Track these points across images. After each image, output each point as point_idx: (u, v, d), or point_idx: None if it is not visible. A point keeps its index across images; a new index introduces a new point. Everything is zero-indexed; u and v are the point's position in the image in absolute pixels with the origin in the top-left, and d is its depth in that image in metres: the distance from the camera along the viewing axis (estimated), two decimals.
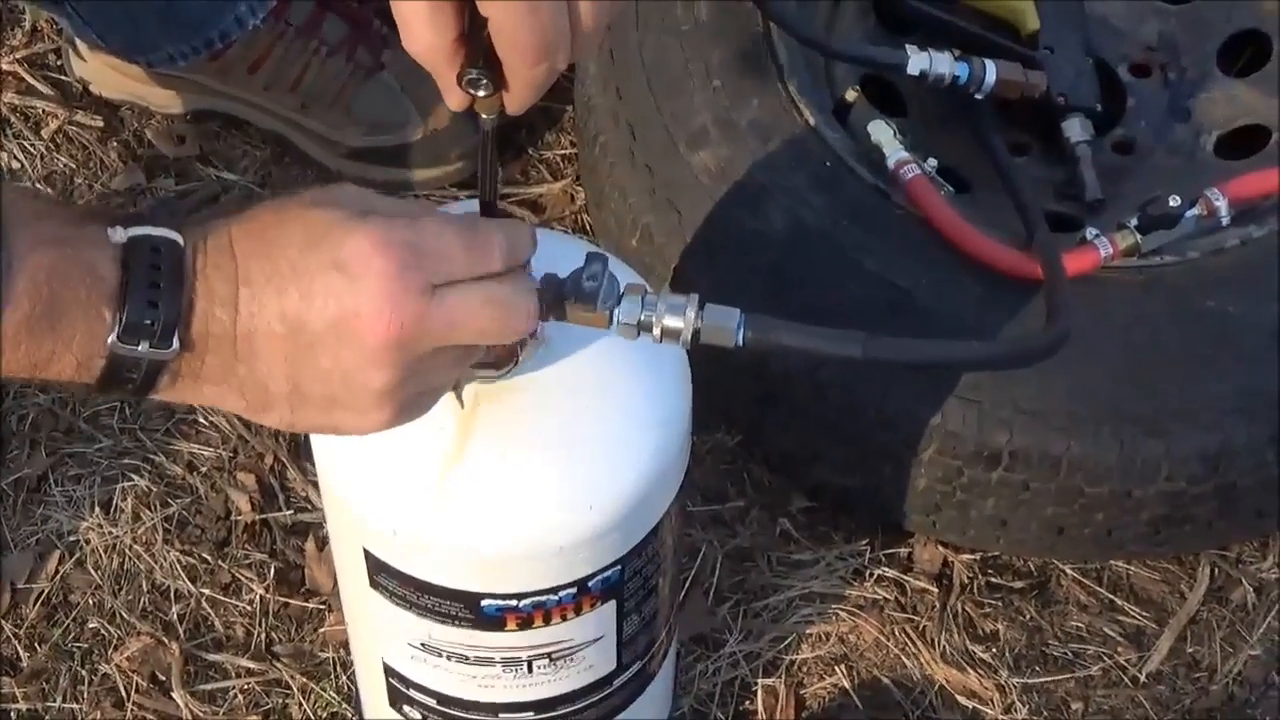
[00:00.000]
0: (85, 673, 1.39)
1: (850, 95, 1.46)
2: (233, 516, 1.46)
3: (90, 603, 1.42)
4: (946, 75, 1.41)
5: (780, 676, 1.39)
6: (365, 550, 0.99)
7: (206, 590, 1.43)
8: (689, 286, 0.90)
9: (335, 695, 1.37)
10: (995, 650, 1.41)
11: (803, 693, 1.39)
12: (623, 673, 1.09)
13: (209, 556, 1.44)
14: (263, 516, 1.46)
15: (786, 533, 1.45)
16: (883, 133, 1.40)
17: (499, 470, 0.94)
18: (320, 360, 0.79)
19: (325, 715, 1.37)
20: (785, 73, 1.42)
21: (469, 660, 1.03)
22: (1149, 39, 1.57)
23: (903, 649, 1.41)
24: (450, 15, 0.79)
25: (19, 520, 1.45)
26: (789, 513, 1.46)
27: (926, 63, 1.41)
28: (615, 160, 1.42)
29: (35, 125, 1.68)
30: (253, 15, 1.54)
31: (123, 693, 1.38)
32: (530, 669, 1.04)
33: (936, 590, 1.43)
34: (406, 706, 1.11)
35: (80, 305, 0.76)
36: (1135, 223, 1.35)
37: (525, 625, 0.99)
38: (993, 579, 1.44)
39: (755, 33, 1.43)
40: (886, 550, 1.45)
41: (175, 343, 0.78)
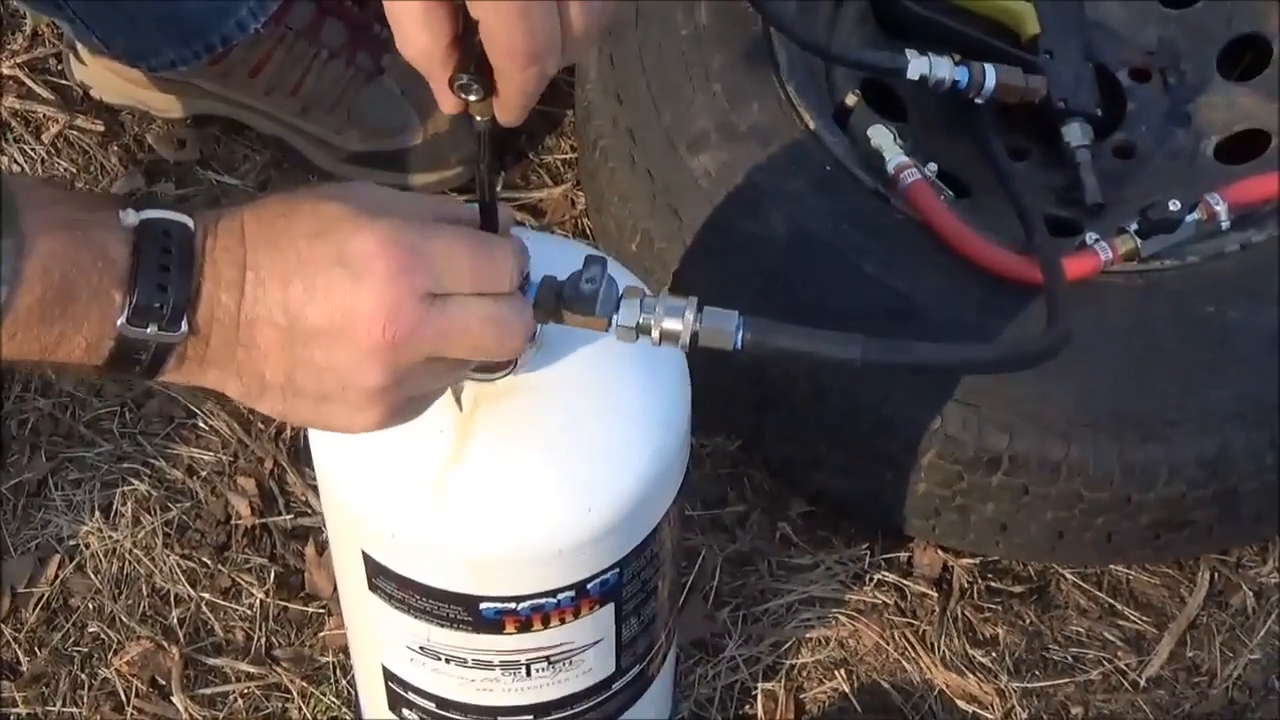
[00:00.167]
0: (85, 677, 1.39)
1: (850, 100, 1.46)
2: (233, 521, 1.46)
3: (90, 607, 1.42)
4: (946, 80, 1.41)
5: (780, 681, 1.39)
6: (364, 553, 0.99)
7: (206, 594, 1.43)
8: (689, 291, 0.90)
9: (335, 699, 1.37)
10: (995, 655, 1.41)
11: (802, 697, 1.39)
12: (622, 676, 1.09)
13: (209, 561, 1.44)
14: (263, 521, 1.46)
15: (786, 537, 1.45)
16: (883, 137, 1.40)
17: (498, 472, 0.94)
18: (315, 354, 0.80)
19: (325, 719, 1.37)
20: (785, 77, 1.42)
21: (468, 664, 1.03)
22: (1149, 44, 1.57)
23: (903, 653, 1.41)
24: (444, 18, 0.79)
25: (19, 524, 1.45)
26: (789, 517, 1.46)
27: (926, 67, 1.41)
28: (615, 164, 1.42)
29: (36, 130, 1.68)
30: (254, 20, 1.54)
31: (122, 697, 1.38)
32: (529, 672, 1.03)
33: (936, 594, 1.43)
34: (406, 710, 1.11)
35: (91, 288, 0.76)
36: (1135, 227, 1.35)
37: (524, 628, 0.99)
38: (993, 583, 1.44)
39: (755, 37, 1.44)
40: (886, 555, 1.45)
41: (184, 326, 0.78)
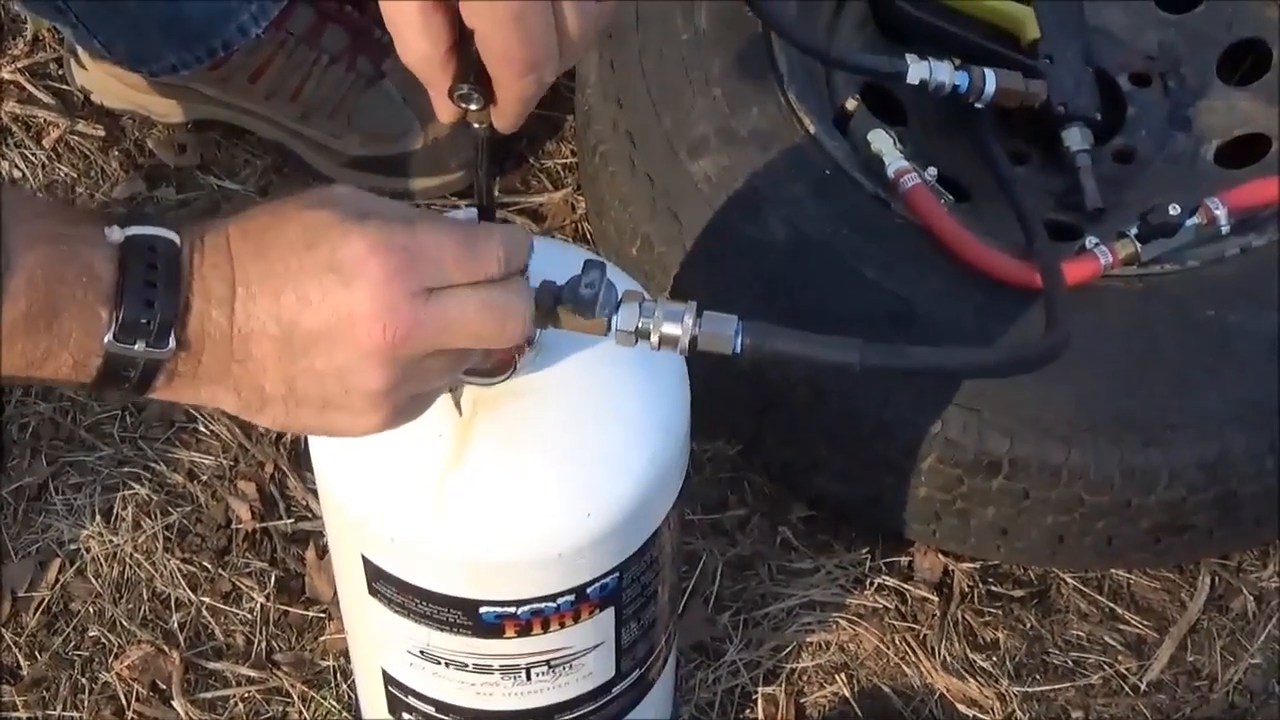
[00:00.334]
0: (85, 681, 1.39)
1: (850, 104, 1.46)
2: (233, 525, 1.46)
3: (91, 611, 1.42)
4: (946, 84, 1.41)
5: (780, 685, 1.39)
6: (364, 557, 0.99)
7: (207, 598, 1.43)
8: (689, 295, 0.90)
9: (335, 704, 1.37)
10: (996, 659, 1.41)
11: (803, 701, 1.39)
12: (622, 680, 1.09)
13: (209, 565, 1.44)
14: (263, 525, 1.46)
15: (787, 541, 1.45)
16: (883, 141, 1.40)
17: (497, 476, 0.94)
18: (315, 362, 0.79)
19: None
20: (785, 81, 1.42)
21: (467, 668, 1.03)
22: (1149, 48, 1.57)
23: (903, 657, 1.40)
24: (442, 24, 0.80)
25: (19, 528, 1.45)
26: (789, 521, 1.46)
27: (926, 71, 1.41)
28: (616, 169, 1.42)
29: (37, 135, 1.68)
30: (255, 24, 1.54)
31: (123, 701, 1.38)
32: (529, 676, 1.03)
33: (937, 599, 1.43)
34: (406, 714, 1.11)
35: (77, 303, 0.76)
36: (1135, 231, 1.35)
37: (524, 632, 0.99)
38: (993, 587, 1.44)
39: (755, 41, 1.44)
40: (887, 559, 1.44)
41: (171, 342, 0.77)
